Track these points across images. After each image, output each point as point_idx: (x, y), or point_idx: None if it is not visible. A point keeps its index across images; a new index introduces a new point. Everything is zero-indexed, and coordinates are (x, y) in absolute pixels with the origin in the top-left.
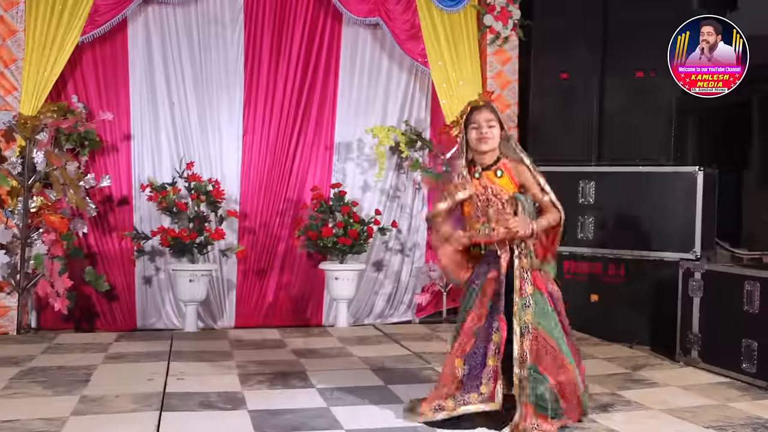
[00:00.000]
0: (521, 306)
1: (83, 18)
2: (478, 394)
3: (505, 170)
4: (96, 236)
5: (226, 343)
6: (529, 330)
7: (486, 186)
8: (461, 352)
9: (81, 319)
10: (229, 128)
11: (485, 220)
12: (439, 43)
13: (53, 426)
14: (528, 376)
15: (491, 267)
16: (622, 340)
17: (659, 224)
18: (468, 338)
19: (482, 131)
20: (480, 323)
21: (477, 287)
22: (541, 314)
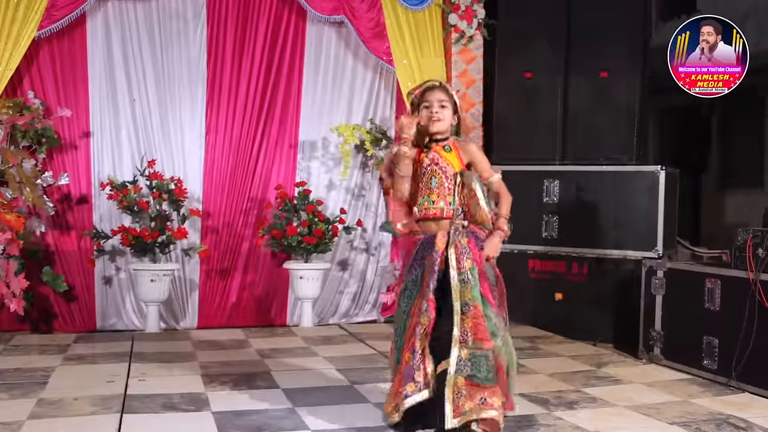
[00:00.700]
0: (460, 282)
1: (40, 12)
2: (414, 383)
3: (453, 147)
4: (54, 235)
5: (188, 344)
6: (469, 307)
7: (433, 159)
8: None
9: (38, 320)
10: (192, 126)
11: (428, 193)
12: (404, 41)
13: (9, 430)
14: (470, 356)
15: (427, 253)
16: (585, 338)
17: (622, 223)
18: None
19: (433, 110)
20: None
21: (417, 276)
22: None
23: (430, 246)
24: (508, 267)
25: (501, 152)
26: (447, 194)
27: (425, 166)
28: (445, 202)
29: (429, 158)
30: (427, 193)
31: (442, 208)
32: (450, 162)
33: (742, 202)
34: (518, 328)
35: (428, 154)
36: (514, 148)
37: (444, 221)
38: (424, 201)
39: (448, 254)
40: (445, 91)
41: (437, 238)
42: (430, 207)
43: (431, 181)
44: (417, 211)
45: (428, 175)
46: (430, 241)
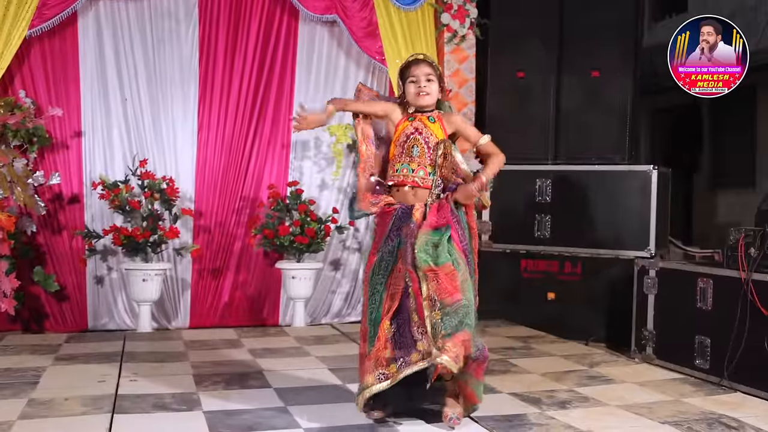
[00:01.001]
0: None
1: (31, 11)
2: (417, 353)
3: (437, 118)
4: (45, 235)
5: (180, 344)
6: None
7: (417, 128)
8: (388, 313)
9: (29, 320)
10: (184, 125)
11: (407, 160)
12: (396, 40)
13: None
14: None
15: (405, 221)
16: (578, 338)
17: (615, 222)
18: (394, 302)
19: (420, 85)
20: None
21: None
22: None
23: (407, 217)
24: (500, 266)
25: None
26: (427, 164)
27: (408, 133)
28: (425, 172)
29: (413, 126)
30: (407, 160)
31: (422, 177)
32: (434, 132)
33: (734, 202)
34: (511, 327)
35: (412, 122)
36: (506, 147)
37: (422, 191)
38: (403, 168)
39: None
40: (431, 64)
41: (415, 208)
42: (409, 174)
43: (413, 149)
44: (392, 176)
45: (410, 143)
46: (408, 212)
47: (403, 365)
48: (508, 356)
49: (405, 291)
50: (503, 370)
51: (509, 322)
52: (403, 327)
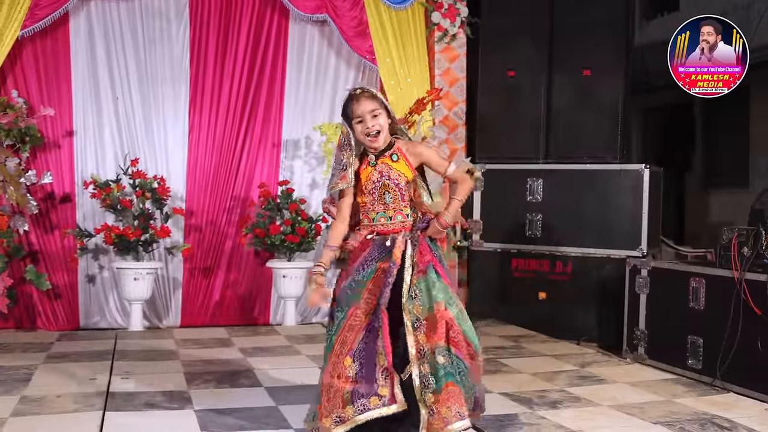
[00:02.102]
0: (408, 299)
1: (23, 11)
2: (378, 398)
3: (400, 154)
4: (37, 234)
5: (171, 342)
6: (420, 322)
7: (382, 172)
8: (348, 350)
9: (22, 318)
10: (175, 125)
11: (382, 209)
12: (386, 40)
13: None
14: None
15: (381, 257)
16: (569, 338)
17: (606, 222)
18: (353, 334)
19: (368, 125)
20: (364, 319)
21: (364, 278)
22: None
23: (386, 251)
24: (491, 266)
25: (484, 151)
26: (403, 207)
27: (374, 180)
28: (402, 216)
29: (378, 171)
30: (381, 209)
31: (401, 221)
32: (401, 172)
33: (727, 201)
34: (501, 327)
35: (375, 167)
36: (497, 146)
37: (404, 233)
38: (380, 217)
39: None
40: (372, 96)
41: (396, 245)
42: (387, 223)
43: (384, 196)
44: (370, 225)
45: (381, 191)
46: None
47: (360, 409)
48: (498, 356)
49: (370, 328)
50: (494, 370)
51: (500, 321)
52: (367, 366)
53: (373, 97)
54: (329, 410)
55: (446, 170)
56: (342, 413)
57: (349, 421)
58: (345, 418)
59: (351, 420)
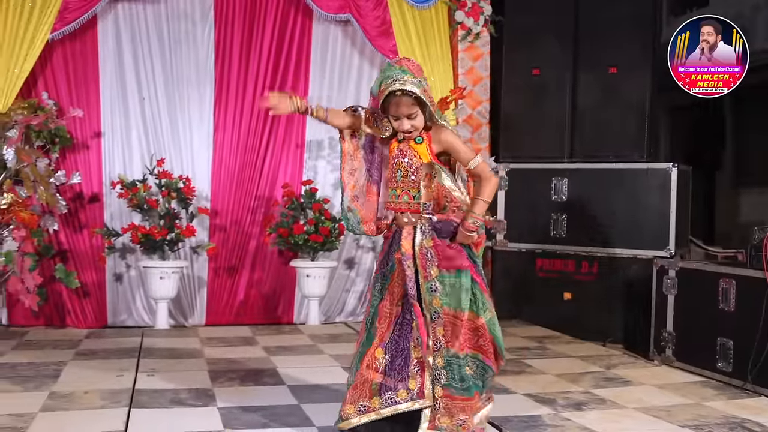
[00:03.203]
0: (427, 291)
1: (53, 15)
2: (407, 391)
3: (425, 137)
4: (67, 233)
5: (196, 341)
6: (439, 315)
7: (402, 150)
8: (380, 341)
9: (52, 315)
10: (200, 125)
11: (394, 186)
12: (410, 39)
13: (21, 422)
14: (445, 365)
15: (395, 248)
16: (595, 339)
17: (633, 221)
18: (386, 326)
19: (404, 127)
20: (393, 309)
21: (387, 272)
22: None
23: (398, 242)
24: (516, 266)
25: (508, 150)
26: (411, 188)
27: (394, 156)
28: (409, 196)
29: (398, 149)
30: (393, 185)
31: (407, 202)
32: (418, 153)
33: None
34: (526, 327)
35: (399, 144)
36: (521, 145)
37: (411, 215)
38: (392, 193)
39: (415, 260)
40: (411, 97)
41: (403, 236)
42: (395, 201)
43: (397, 174)
44: (387, 202)
45: (395, 167)
46: (398, 238)
47: (387, 402)
48: (523, 357)
49: (401, 319)
50: (518, 370)
51: (524, 322)
52: (397, 359)
53: (413, 96)
54: (355, 398)
55: (470, 162)
56: (368, 403)
57: (373, 412)
58: (370, 409)
59: (376, 411)
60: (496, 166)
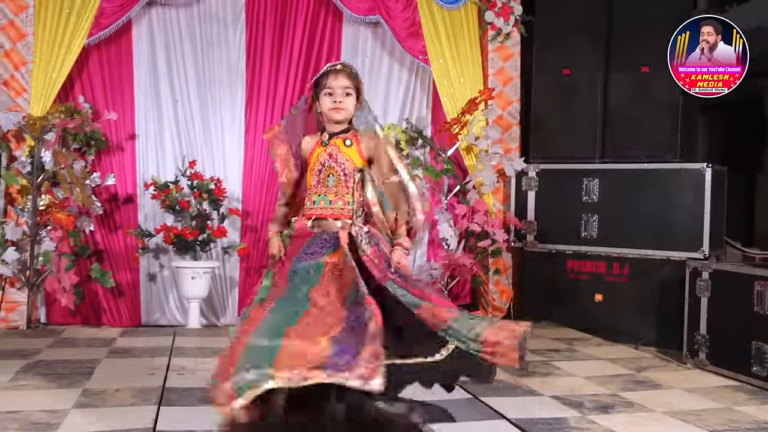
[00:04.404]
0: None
1: (89, 21)
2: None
3: (354, 141)
4: (102, 233)
5: (227, 340)
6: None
7: (331, 154)
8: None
9: (88, 314)
10: (232, 127)
11: (324, 192)
12: (439, 40)
13: (54, 418)
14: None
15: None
16: (626, 341)
17: (665, 222)
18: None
19: (336, 99)
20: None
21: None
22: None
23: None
24: (545, 267)
25: (539, 150)
26: (345, 193)
27: (322, 161)
28: (343, 202)
29: (327, 152)
30: (323, 191)
31: (341, 208)
32: (350, 158)
33: None
34: (555, 329)
35: (326, 147)
36: (552, 146)
37: (344, 220)
38: (320, 200)
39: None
40: (350, 75)
41: (340, 237)
42: (327, 207)
43: (328, 179)
44: (310, 209)
45: (325, 172)
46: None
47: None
48: (551, 358)
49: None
50: (546, 372)
51: (554, 323)
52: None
53: (351, 76)
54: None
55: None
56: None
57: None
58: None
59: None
60: (526, 167)
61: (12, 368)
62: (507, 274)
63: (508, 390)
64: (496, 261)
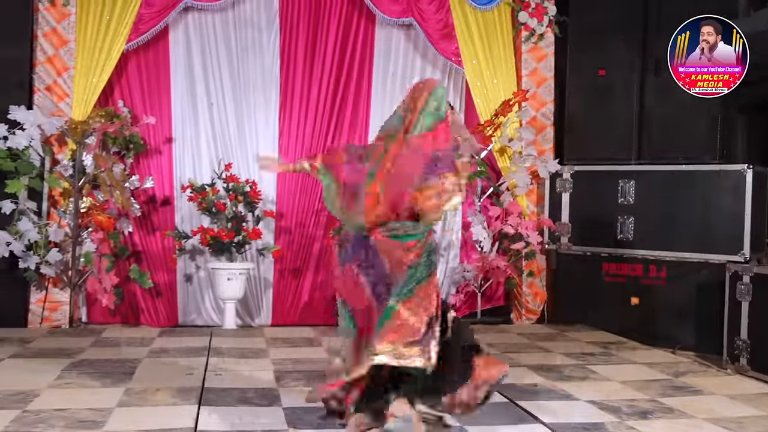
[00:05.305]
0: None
1: (128, 27)
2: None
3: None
4: (140, 235)
5: (262, 341)
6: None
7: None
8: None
9: (127, 314)
10: (266, 130)
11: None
12: (472, 41)
13: (100, 416)
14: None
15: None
16: (663, 345)
17: (704, 225)
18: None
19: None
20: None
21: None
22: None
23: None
24: (580, 269)
25: (573, 152)
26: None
27: None
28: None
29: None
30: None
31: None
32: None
33: None
34: (590, 332)
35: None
36: (586, 147)
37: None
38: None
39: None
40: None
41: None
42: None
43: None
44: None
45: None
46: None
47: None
48: (587, 362)
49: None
50: (582, 376)
51: (589, 326)
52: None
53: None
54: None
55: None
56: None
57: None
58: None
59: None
60: (560, 169)
61: (58, 367)
62: (541, 276)
63: (544, 394)
64: (529, 263)
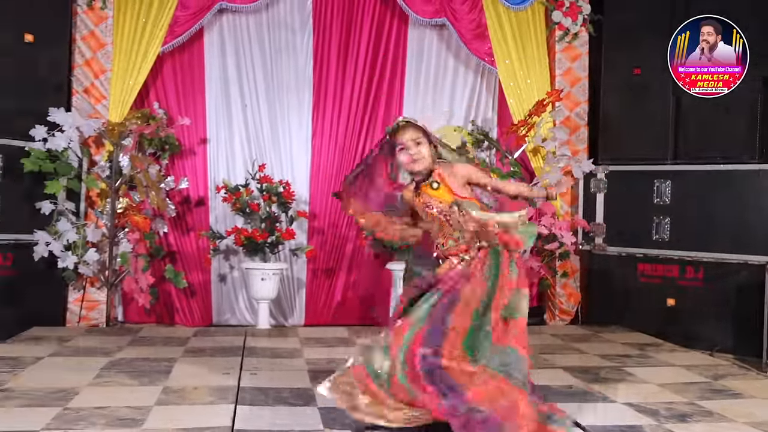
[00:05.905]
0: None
1: (164, 29)
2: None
3: (440, 180)
4: (175, 235)
5: (296, 341)
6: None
7: (426, 203)
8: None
9: (162, 314)
10: (299, 131)
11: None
12: (506, 41)
13: (139, 414)
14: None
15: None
16: (701, 347)
17: (742, 225)
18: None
19: (411, 151)
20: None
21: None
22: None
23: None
24: (615, 270)
25: (607, 152)
26: (451, 233)
27: (422, 209)
28: (453, 239)
29: (422, 202)
30: (437, 235)
31: (453, 245)
32: (441, 199)
33: None
34: (626, 334)
35: (420, 197)
36: (621, 147)
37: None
38: (438, 242)
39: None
40: (414, 127)
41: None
42: (441, 248)
43: (433, 225)
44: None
45: (429, 220)
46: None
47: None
48: (623, 364)
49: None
50: (618, 378)
51: (624, 328)
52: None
53: (416, 127)
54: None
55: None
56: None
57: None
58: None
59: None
60: (594, 169)
61: (97, 365)
62: (575, 277)
63: (580, 395)
64: (563, 264)
